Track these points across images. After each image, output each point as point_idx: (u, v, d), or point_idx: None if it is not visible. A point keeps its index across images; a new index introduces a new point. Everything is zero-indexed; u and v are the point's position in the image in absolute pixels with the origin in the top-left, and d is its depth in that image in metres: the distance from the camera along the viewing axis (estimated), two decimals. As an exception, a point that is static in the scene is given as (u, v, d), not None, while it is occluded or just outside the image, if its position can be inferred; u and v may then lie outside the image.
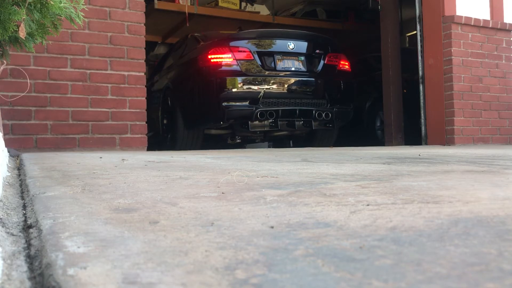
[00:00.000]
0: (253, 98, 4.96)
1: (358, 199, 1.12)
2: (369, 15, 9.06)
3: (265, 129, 5.28)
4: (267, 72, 5.06)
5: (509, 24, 6.47)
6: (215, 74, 4.98)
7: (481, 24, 6.20)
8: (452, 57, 5.96)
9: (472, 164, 2.16)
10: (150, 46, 8.36)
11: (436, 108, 6.10)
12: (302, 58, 5.28)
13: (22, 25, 2.07)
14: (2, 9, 2.02)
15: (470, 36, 6.14)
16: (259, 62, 5.05)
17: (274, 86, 5.09)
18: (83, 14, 2.38)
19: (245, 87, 4.99)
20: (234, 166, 2.13)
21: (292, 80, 5.17)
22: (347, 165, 2.17)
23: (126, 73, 4.19)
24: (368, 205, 1.04)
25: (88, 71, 4.06)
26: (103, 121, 4.10)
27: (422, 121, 6.25)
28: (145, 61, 4.34)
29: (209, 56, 5.03)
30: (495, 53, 6.37)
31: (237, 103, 4.97)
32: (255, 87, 5.00)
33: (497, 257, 0.65)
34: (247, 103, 4.97)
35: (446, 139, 6.00)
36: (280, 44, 5.24)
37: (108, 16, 4.15)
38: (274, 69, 5.11)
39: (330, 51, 5.49)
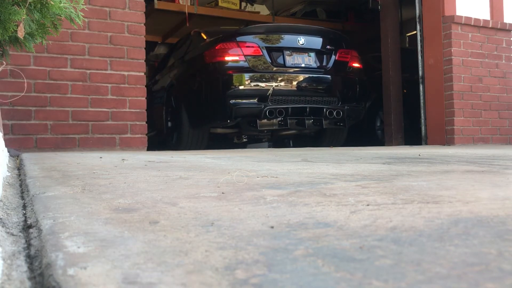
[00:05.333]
0: (262, 96, 4.79)
1: (358, 199, 1.12)
2: (369, 15, 9.07)
3: (274, 127, 5.08)
4: (276, 69, 4.89)
5: (509, 24, 6.47)
6: (221, 71, 4.81)
7: (481, 24, 6.20)
8: (452, 57, 5.96)
9: (472, 164, 2.16)
10: (150, 46, 8.36)
11: (436, 108, 6.10)
12: (313, 54, 5.10)
13: (21, 25, 2.07)
14: (2, 9, 2.02)
15: (470, 36, 6.14)
16: (267, 58, 4.88)
17: (284, 83, 4.91)
18: (83, 14, 2.38)
19: (253, 84, 4.82)
20: (234, 166, 2.13)
21: (302, 76, 5.00)
22: (347, 165, 2.17)
23: (126, 73, 4.19)
24: (368, 205, 1.04)
25: (88, 71, 4.06)
26: (103, 121, 4.10)
27: (422, 121, 6.25)
28: (145, 61, 4.34)
29: (216, 52, 4.86)
30: (495, 53, 6.37)
31: (245, 101, 4.80)
32: (264, 84, 4.83)
33: (497, 257, 0.65)
34: (255, 100, 4.80)
35: (446, 139, 6.00)
36: (290, 39, 5.05)
37: (108, 16, 4.15)
38: (284, 65, 4.93)
39: (341, 47, 5.30)
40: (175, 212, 0.99)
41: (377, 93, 6.84)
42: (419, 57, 6.25)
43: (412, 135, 6.48)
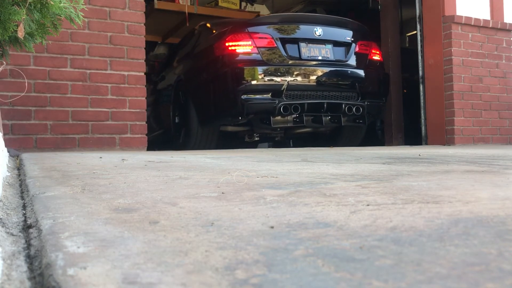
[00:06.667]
0: (276, 91, 4.48)
1: (358, 199, 1.12)
2: (369, 15, 9.06)
3: (288, 125, 4.74)
4: (291, 61, 4.58)
5: (509, 24, 6.47)
6: (233, 64, 4.50)
7: (481, 24, 6.20)
8: (452, 57, 5.96)
9: (472, 164, 2.16)
10: (150, 46, 8.36)
11: (436, 108, 6.10)
12: (330, 45, 4.77)
13: (21, 25, 2.07)
14: (2, 9, 2.02)
15: (470, 36, 6.14)
16: (282, 50, 4.57)
17: (299, 77, 4.59)
18: (83, 14, 2.38)
19: (266, 78, 4.52)
20: (234, 166, 2.13)
21: (319, 70, 4.67)
22: (347, 165, 2.17)
23: (126, 73, 4.19)
24: (368, 205, 1.04)
25: (88, 71, 4.06)
26: (103, 121, 4.10)
27: (422, 121, 6.25)
28: (145, 61, 4.34)
29: (227, 44, 4.55)
30: (495, 53, 6.37)
31: (258, 96, 4.50)
32: (278, 78, 4.51)
33: (497, 257, 0.65)
34: (269, 96, 4.50)
35: (446, 139, 6.00)
36: (306, 30, 4.73)
37: (108, 16, 4.15)
38: (299, 58, 4.62)
39: (361, 38, 4.97)
40: (175, 212, 0.99)
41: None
42: (419, 57, 6.25)
43: (412, 135, 6.48)
